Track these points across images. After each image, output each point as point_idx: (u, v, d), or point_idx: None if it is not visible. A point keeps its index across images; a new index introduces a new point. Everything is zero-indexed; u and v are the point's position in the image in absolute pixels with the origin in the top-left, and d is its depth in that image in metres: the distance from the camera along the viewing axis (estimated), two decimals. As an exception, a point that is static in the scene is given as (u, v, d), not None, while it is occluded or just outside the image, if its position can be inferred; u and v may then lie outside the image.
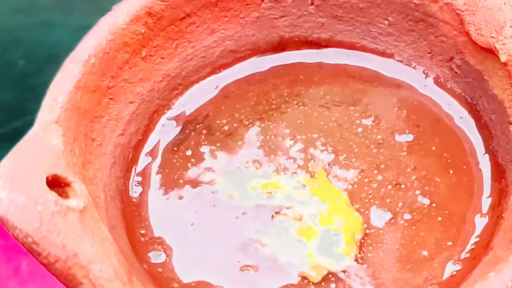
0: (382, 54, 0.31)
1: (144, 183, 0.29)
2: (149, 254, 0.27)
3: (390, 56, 0.31)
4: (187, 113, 0.31)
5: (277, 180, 0.28)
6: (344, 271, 0.26)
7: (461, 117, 0.30)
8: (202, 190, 0.28)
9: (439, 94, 0.30)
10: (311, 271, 0.26)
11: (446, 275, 0.26)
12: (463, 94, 0.30)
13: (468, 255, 0.26)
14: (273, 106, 0.31)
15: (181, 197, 0.28)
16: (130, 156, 0.29)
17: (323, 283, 0.26)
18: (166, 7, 0.29)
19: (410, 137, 0.29)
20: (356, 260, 0.26)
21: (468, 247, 0.26)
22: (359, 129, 0.30)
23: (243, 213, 0.27)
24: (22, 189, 0.21)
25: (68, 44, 0.27)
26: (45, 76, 0.26)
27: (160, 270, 0.26)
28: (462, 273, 0.25)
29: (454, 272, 0.26)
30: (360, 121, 0.30)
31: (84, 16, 0.29)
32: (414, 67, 0.31)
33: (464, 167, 0.28)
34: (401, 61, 0.31)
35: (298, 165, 0.29)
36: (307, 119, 0.30)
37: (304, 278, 0.26)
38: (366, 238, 0.27)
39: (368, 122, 0.30)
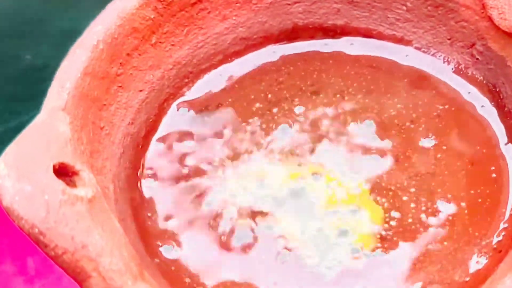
0: (400, 41, 0.30)
1: (154, 174, 0.28)
2: (160, 249, 0.26)
3: (408, 43, 0.30)
4: (198, 103, 0.30)
5: (291, 171, 0.27)
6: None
7: (482, 106, 0.29)
8: (213, 179, 0.27)
9: (460, 82, 0.29)
10: (328, 266, 0.25)
11: (472, 268, 0.25)
12: (485, 82, 0.29)
13: (494, 248, 0.25)
14: (287, 96, 0.30)
15: (191, 189, 0.27)
16: (140, 146, 0.28)
17: (339, 278, 0.25)
18: (176, -8, 0.28)
19: (430, 127, 0.28)
20: (375, 251, 0.25)
21: (494, 239, 0.25)
22: (376, 119, 0.29)
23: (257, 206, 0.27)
24: (28, 177, 0.20)
25: (74, 37, 0.26)
26: (52, 70, 0.25)
27: (171, 264, 0.26)
28: (488, 266, 0.24)
29: (480, 266, 0.25)
30: (377, 111, 0.29)
31: (91, 8, 0.28)
32: (433, 54, 0.30)
33: (487, 157, 0.27)
34: (419, 48, 0.30)
35: (314, 155, 0.28)
36: (322, 108, 0.29)
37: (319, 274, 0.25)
38: (388, 231, 0.26)
39: (385, 111, 0.29)
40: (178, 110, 0.30)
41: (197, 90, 0.30)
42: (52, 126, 0.22)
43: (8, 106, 0.41)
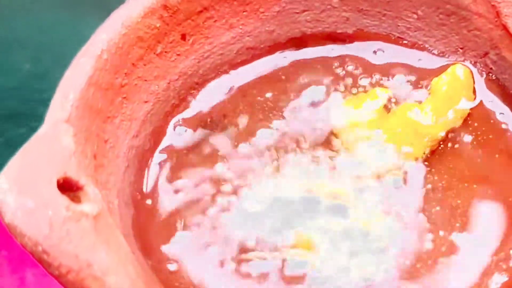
0: (411, 49, 0.30)
1: (159, 188, 0.27)
2: (165, 265, 0.25)
3: (420, 51, 0.30)
4: (204, 114, 0.29)
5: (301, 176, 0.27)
6: None
7: (502, 113, 0.28)
8: (220, 195, 0.27)
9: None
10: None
11: (494, 283, 0.24)
12: (499, 91, 0.28)
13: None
14: (294, 103, 0.29)
15: (197, 203, 0.27)
16: (148, 160, 0.27)
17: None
18: (182, 0, 0.27)
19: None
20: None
21: (513, 255, 0.25)
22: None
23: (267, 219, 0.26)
24: (30, 192, 0.20)
25: (75, 46, 0.25)
26: (52, 80, 0.25)
27: (176, 282, 0.25)
28: (509, 283, 0.24)
29: (499, 285, 0.24)
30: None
31: (92, 17, 0.27)
32: (445, 63, 0.29)
33: (505, 166, 0.27)
34: (431, 57, 0.30)
35: (326, 160, 0.27)
36: (330, 113, 0.28)
37: None
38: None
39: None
40: (183, 122, 0.29)
41: (203, 101, 0.29)
42: (55, 138, 0.21)
43: (8, 117, 0.41)
